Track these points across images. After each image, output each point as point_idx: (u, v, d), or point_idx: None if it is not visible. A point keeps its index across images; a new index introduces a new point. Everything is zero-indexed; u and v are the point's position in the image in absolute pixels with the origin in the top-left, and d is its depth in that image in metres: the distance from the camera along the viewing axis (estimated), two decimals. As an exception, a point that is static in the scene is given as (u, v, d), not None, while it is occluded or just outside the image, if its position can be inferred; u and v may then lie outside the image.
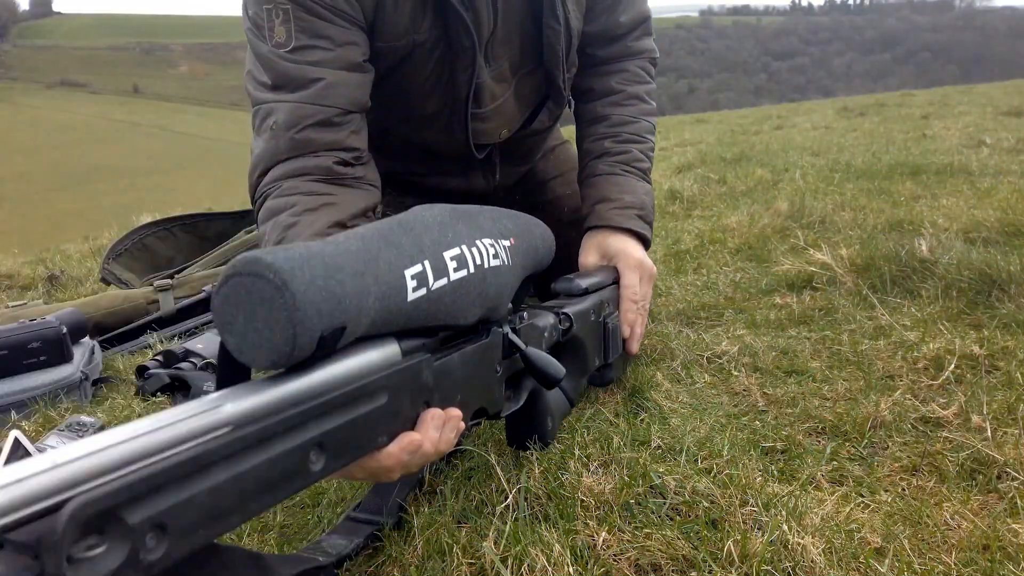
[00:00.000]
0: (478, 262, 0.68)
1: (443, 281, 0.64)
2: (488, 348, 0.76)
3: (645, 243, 1.20)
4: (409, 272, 0.60)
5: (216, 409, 0.45)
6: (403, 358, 0.62)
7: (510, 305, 0.79)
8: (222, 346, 0.50)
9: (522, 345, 0.79)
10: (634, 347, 1.13)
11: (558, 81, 1.24)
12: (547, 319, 0.90)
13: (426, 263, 0.62)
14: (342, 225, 0.95)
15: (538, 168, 1.49)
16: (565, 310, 0.95)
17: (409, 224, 0.64)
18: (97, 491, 0.37)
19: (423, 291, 0.61)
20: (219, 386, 0.51)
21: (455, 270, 0.65)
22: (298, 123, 0.98)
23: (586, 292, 1.03)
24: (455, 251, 0.66)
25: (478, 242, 0.70)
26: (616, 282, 1.13)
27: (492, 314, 0.74)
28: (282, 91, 0.99)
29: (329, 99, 0.99)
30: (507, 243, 0.76)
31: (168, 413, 0.44)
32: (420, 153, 1.28)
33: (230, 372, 0.51)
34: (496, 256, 0.72)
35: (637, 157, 1.25)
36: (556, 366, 0.79)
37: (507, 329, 0.78)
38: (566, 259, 1.26)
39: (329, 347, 0.52)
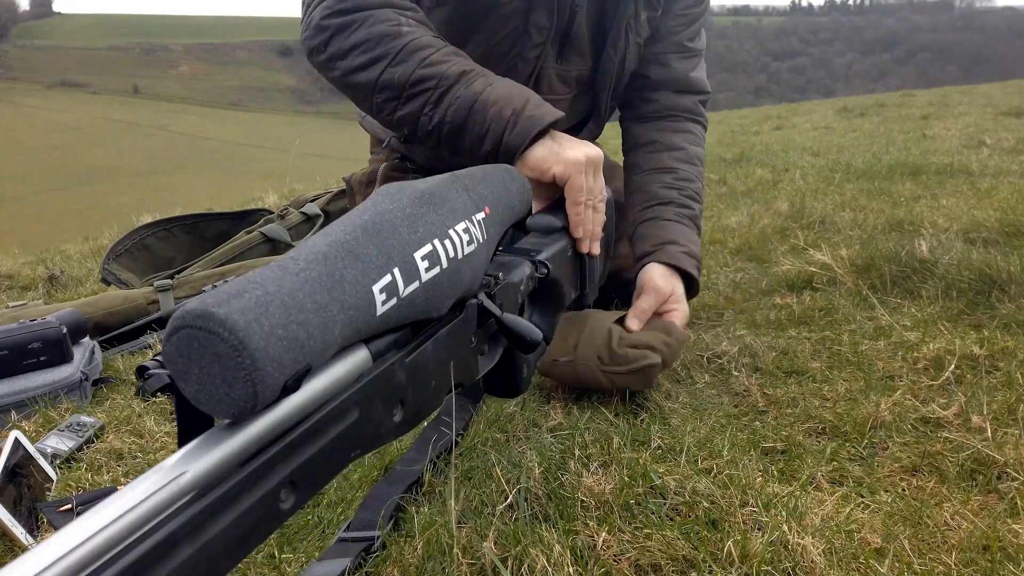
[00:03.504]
0: (451, 255, 0.62)
1: (415, 285, 0.57)
2: (462, 324, 0.69)
3: (695, 289, 1.26)
4: (377, 287, 0.54)
5: (177, 479, 0.42)
6: (374, 363, 0.56)
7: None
8: (178, 392, 0.46)
9: (497, 312, 0.71)
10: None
11: (601, 104, 1.34)
12: (523, 270, 0.81)
13: (395, 271, 0.56)
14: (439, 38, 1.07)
15: None
16: (541, 257, 0.86)
17: (375, 227, 0.57)
18: None
19: (393, 301, 0.55)
20: (180, 432, 0.48)
21: (427, 270, 0.59)
22: None
23: (563, 229, 0.96)
24: (426, 248, 0.59)
25: (451, 232, 0.63)
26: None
27: (466, 295, 0.68)
28: None
29: None
30: (481, 216, 0.69)
31: (131, 490, 0.40)
32: None
33: (190, 417, 0.48)
34: (471, 241, 0.65)
35: (697, 215, 1.31)
36: (533, 331, 0.73)
37: (481, 297, 0.71)
38: None
39: (293, 390, 0.48)
